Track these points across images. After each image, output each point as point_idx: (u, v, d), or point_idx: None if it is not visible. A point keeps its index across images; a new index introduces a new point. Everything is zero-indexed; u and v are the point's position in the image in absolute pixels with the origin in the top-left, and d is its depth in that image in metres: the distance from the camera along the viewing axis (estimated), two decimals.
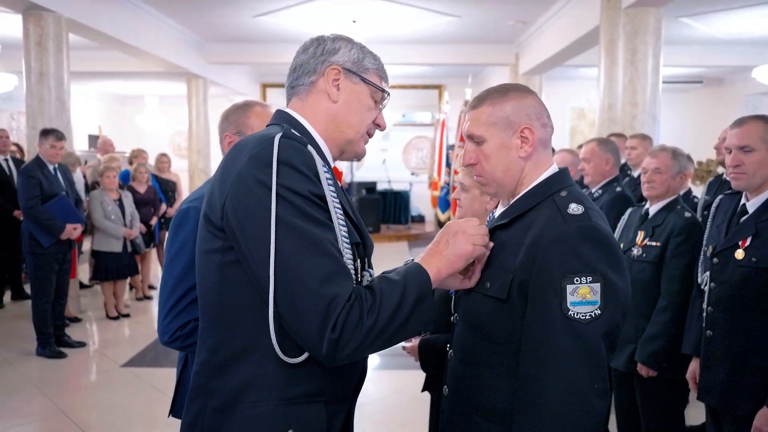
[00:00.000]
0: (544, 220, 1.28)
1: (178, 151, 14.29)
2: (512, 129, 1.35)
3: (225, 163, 1.24)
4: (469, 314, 1.39)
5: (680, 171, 2.69)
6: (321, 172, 1.20)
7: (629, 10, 5.45)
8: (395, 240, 11.56)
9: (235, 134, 1.86)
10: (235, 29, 9.39)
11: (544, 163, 1.39)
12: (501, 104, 1.36)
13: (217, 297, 1.22)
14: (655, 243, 2.62)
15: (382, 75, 1.42)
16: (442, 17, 8.63)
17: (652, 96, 5.50)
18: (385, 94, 1.41)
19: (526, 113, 1.36)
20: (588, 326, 1.20)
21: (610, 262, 1.23)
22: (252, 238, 1.13)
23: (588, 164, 3.47)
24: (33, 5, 5.88)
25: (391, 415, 3.87)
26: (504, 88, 1.40)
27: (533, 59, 9.50)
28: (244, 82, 13.29)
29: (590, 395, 1.19)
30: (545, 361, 1.22)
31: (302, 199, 1.15)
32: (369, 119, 1.38)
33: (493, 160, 1.37)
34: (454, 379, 1.44)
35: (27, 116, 6.17)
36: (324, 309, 1.09)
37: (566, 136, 13.09)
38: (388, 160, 13.66)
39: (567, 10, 7.69)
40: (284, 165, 1.15)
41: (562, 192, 1.34)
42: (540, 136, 1.37)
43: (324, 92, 1.35)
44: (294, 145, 1.19)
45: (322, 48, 1.37)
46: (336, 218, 1.20)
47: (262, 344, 1.17)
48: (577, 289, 1.20)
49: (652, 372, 2.58)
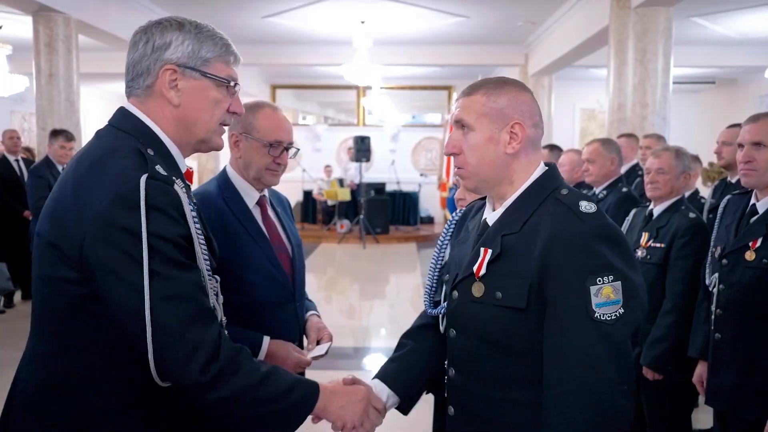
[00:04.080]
0: (553, 220, 1.24)
1: None
2: (503, 122, 1.30)
3: (79, 182, 1.17)
4: (477, 328, 1.31)
5: (684, 171, 2.65)
6: (187, 212, 1.18)
7: (639, 10, 5.41)
8: (404, 241, 11.54)
9: (242, 134, 1.85)
10: (244, 30, 9.41)
11: (534, 163, 1.35)
12: (495, 96, 1.31)
13: (64, 323, 1.20)
14: (660, 244, 2.59)
15: (227, 57, 1.32)
16: (451, 18, 8.60)
17: (663, 96, 5.46)
18: (230, 83, 1.31)
19: (519, 109, 1.31)
20: (614, 326, 1.18)
21: (626, 260, 1.22)
22: (121, 286, 1.12)
23: (592, 165, 3.46)
24: (43, 7, 5.93)
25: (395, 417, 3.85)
26: (501, 80, 1.36)
27: (542, 60, 9.46)
28: (254, 83, 13.33)
29: (619, 396, 1.17)
30: (573, 365, 1.18)
31: (172, 245, 1.14)
32: (220, 112, 1.30)
33: (478, 152, 1.31)
34: (461, 398, 1.36)
35: (37, 117, 6.22)
36: (191, 352, 1.14)
37: (576, 137, 13.00)
38: (397, 161, 13.64)
39: (576, 10, 7.65)
40: (153, 210, 1.12)
41: (561, 190, 1.30)
42: (530, 134, 1.32)
43: (163, 96, 1.26)
44: (161, 186, 1.15)
45: (151, 44, 1.26)
46: (200, 255, 1.20)
47: (104, 375, 1.19)
48: (601, 290, 1.17)
49: (657, 375, 2.55)
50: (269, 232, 1.90)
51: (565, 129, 12.57)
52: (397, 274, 9.05)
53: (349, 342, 5.27)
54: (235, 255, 1.78)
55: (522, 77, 10.45)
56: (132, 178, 1.13)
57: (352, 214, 11.85)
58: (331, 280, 8.44)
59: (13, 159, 6.34)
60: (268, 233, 1.89)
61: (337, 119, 17.25)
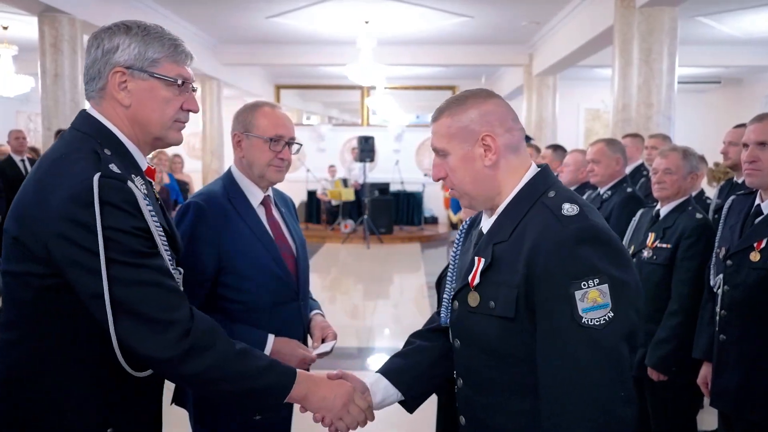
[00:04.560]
0: (537, 225, 1.22)
1: (192, 152, 14.36)
2: (473, 138, 1.28)
3: (40, 182, 1.24)
4: (475, 338, 1.31)
5: (691, 171, 2.63)
6: (143, 206, 1.24)
7: (644, 10, 5.39)
8: (408, 241, 11.53)
9: (243, 133, 1.87)
10: (248, 31, 9.43)
11: (519, 167, 1.31)
12: (459, 114, 1.30)
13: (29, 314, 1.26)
14: (666, 245, 2.57)
15: (177, 56, 1.36)
16: (455, 18, 8.60)
17: (668, 96, 5.44)
18: (178, 82, 1.34)
19: (486, 120, 1.28)
20: (604, 331, 1.14)
21: (613, 260, 1.17)
22: (84, 276, 1.19)
23: (597, 165, 3.43)
24: (48, 8, 5.95)
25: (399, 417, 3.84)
26: (463, 96, 1.34)
27: (547, 60, 9.44)
28: (258, 84, 13.35)
29: (616, 404, 1.14)
30: (564, 375, 1.16)
31: (129, 235, 1.21)
32: (171, 110, 1.35)
33: (459, 173, 1.30)
34: (470, 408, 1.36)
35: (42, 117, 6.25)
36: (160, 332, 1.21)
37: (581, 137, 12.98)
38: (401, 161, 13.64)
39: (581, 9, 7.63)
40: (106, 205, 1.19)
41: (549, 192, 1.27)
42: (505, 141, 1.29)
43: (114, 98, 1.32)
44: (113, 183, 1.21)
45: (101, 48, 1.32)
46: (161, 246, 1.27)
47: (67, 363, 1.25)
48: (587, 294, 1.14)
49: (662, 376, 2.54)
50: (273, 232, 1.91)
51: (570, 129, 12.55)
52: (401, 275, 9.04)
53: (353, 342, 5.27)
54: (239, 254, 1.80)
55: (526, 77, 10.44)
56: (87, 177, 1.19)
57: (356, 214, 11.86)
58: (335, 280, 8.45)
59: (18, 159, 6.37)
60: (272, 233, 1.90)
61: (341, 119, 17.27)
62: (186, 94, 1.37)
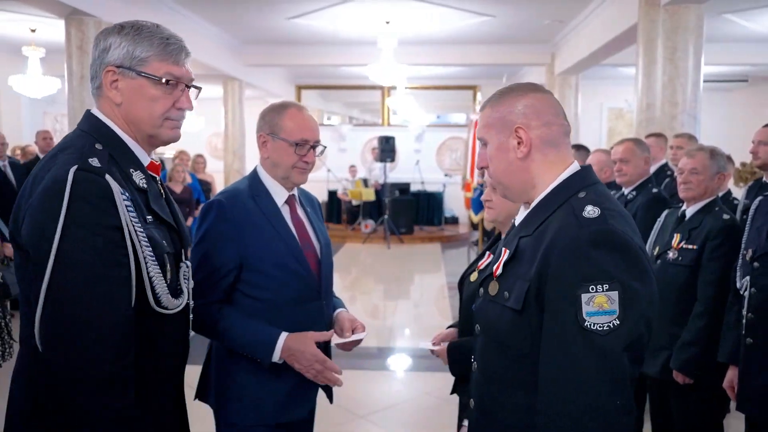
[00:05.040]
0: (558, 224, 1.22)
1: (215, 152, 14.52)
2: (508, 129, 1.30)
3: (35, 177, 1.29)
4: (489, 326, 1.34)
5: (718, 171, 2.59)
6: (118, 201, 1.25)
7: (669, 7, 5.31)
8: (428, 241, 11.52)
9: (269, 135, 1.89)
10: (270, 32, 9.49)
11: (558, 163, 1.30)
12: (498, 105, 1.33)
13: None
14: (692, 246, 2.53)
15: (166, 54, 1.37)
16: (477, 17, 8.56)
17: (693, 95, 5.35)
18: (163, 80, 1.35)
19: (522, 112, 1.29)
20: (606, 338, 1.12)
21: (629, 269, 1.15)
22: (39, 269, 1.21)
23: (626, 165, 3.36)
24: (75, 11, 6.05)
25: (420, 417, 3.85)
26: (508, 88, 1.36)
27: (569, 59, 9.35)
28: (279, 84, 13.43)
29: (612, 412, 1.12)
30: (562, 376, 1.15)
31: (92, 234, 1.22)
32: (160, 109, 1.37)
33: (494, 162, 1.34)
34: (479, 393, 1.40)
35: (69, 118, 6.36)
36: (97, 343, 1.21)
37: (604, 137, 12.83)
38: (421, 161, 13.63)
39: (604, 8, 7.55)
40: (78, 199, 1.21)
41: (580, 193, 1.26)
42: (540, 135, 1.29)
43: (107, 96, 1.37)
44: (88, 177, 1.23)
45: (98, 49, 1.37)
46: (138, 241, 1.27)
47: None
48: (593, 298, 1.12)
49: (687, 379, 2.50)
50: (297, 231, 1.92)
51: (593, 129, 12.42)
52: (422, 275, 9.03)
53: (373, 342, 5.28)
54: (261, 252, 1.82)
55: (548, 77, 10.35)
56: (65, 170, 1.22)
57: (376, 214, 11.87)
58: (356, 280, 8.47)
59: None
60: (296, 232, 1.91)
61: (361, 119, 17.29)
62: (177, 92, 1.39)
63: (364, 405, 3.91)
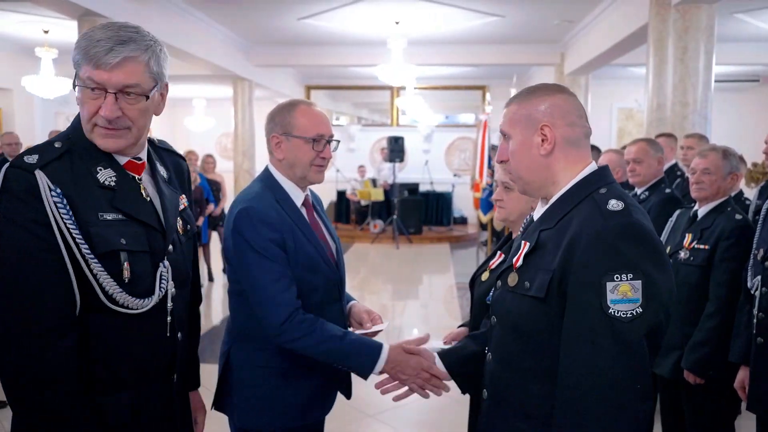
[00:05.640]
0: (582, 217, 1.26)
1: (225, 152, 14.59)
2: (533, 127, 1.35)
3: None
4: (508, 316, 1.37)
5: (731, 171, 2.58)
6: (46, 197, 1.27)
7: (680, 7, 5.29)
8: (437, 242, 11.52)
9: (282, 135, 1.84)
10: (280, 32, 9.53)
11: (578, 162, 1.36)
12: (525, 102, 1.37)
13: None
14: (704, 246, 2.53)
15: (87, 58, 1.32)
16: (486, 17, 8.56)
17: (704, 95, 5.32)
18: (75, 83, 1.35)
19: (548, 111, 1.34)
20: (629, 325, 1.17)
21: (652, 260, 1.20)
22: None
23: (639, 165, 3.34)
24: (88, 11, 6.12)
25: (429, 417, 3.86)
26: (535, 87, 1.41)
27: (579, 59, 9.33)
28: (289, 84, 13.48)
29: (632, 397, 1.17)
30: (585, 361, 1.20)
31: (20, 229, 1.27)
32: (86, 113, 1.36)
33: (516, 157, 1.38)
34: (493, 383, 1.42)
35: None
36: None
37: (614, 137, 12.79)
38: (430, 161, 13.63)
39: (614, 7, 7.52)
40: (5, 193, 1.28)
41: (601, 189, 1.31)
42: (564, 134, 1.34)
43: None
44: (18, 174, 1.29)
45: None
46: (70, 237, 1.29)
47: None
48: (618, 287, 1.17)
49: (699, 379, 2.50)
50: (317, 231, 1.90)
51: (603, 129, 12.36)
52: (430, 275, 9.04)
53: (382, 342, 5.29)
54: (297, 257, 1.78)
55: (558, 77, 10.33)
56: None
57: (385, 214, 11.89)
58: (364, 280, 8.48)
59: None
60: (316, 232, 1.89)
61: (370, 119, 17.31)
62: (99, 98, 1.34)
63: (373, 404, 3.92)
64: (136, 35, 1.35)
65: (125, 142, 1.39)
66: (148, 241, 1.40)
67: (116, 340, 1.38)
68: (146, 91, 1.37)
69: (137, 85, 1.35)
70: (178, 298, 1.49)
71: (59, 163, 1.33)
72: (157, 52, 1.39)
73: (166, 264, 1.43)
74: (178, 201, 1.56)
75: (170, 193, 1.53)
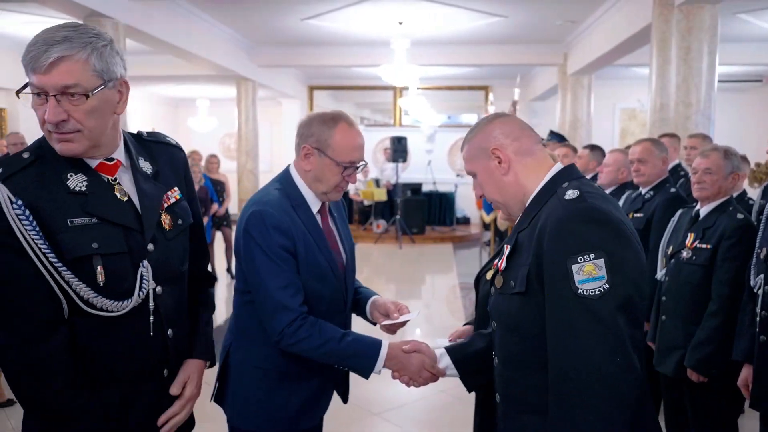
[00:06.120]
0: (546, 212, 1.36)
1: (228, 152, 14.63)
2: (486, 154, 1.47)
3: None
4: (502, 318, 1.44)
5: (733, 171, 2.59)
6: (7, 210, 1.28)
7: (683, 7, 5.30)
8: (440, 242, 11.53)
9: (315, 149, 1.79)
10: (284, 32, 9.56)
11: (539, 167, 1.46)
12: (472, 140, 1.51)
13: None
14: (706, 245, 2.54)
15: (27, 62, 1.30)
16: (489, 18, 8.57)
17: (707, 95, 5.33)
18: (22, 89, 1.32)
19: (492, 136, 1.47)
20: (600, 301, 1.23)
21: (610, 237, 1.27)
22: None
23: (644, 165, 3.34)
24: (93, 12, 6.15)
25: (434, 416, 3.88)
26: (475, 125, 1.54)
27: (582, 59, 9.34)
28: (292, 85, 13.51)
29: (613, 370, 1.21)
30: (564, 344, 1.25)
31: None
32: (39, 118, 1.33)
33: (487, 187, 1.50)
34: (502, 384, 1.48)
35: None
36: None
37: (616, 137, 12.80)
38: (433, 161, 13.65)
39: (617, 8, 7.53)
40: None
41: (564, 185, 1.40)
42: (514, 149, 1.46)
43: None
44: None
45: None
46: (37, 248, 1.29)
47: None
48: (582, 268, 1.24)
49: (702, 378, 2.51)
50: (329, 240, 1.88)
51: (605, 129, 12.38)
52: (433, 275, 9.05)
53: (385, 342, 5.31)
54: (307, 265, 1.77)
55: (560, 77, 10.34)
56: None
57: (388, 214, 11.91)
58: (367, 280, 8.44)
59: None
60: (329, 241, 1.87)
61: (373, 120, 17.34)
62: (46, 102, 1.30)
63: (377, 403, 3.95)
64: (72, 33, 1.30)
65: (79, 146, 1.35)
66: (126, 242, 1.39)
67: (101, 341, 1.40)
68: (87, 90, 1.30)
69: (76, 85, 1.29)
70: (165, 295, 1.48)
71: (23, 175, 1.33)
72: (100, 48, 1.32)
73: (146, 264, 1.42)
74: (161, 197, 1.51)
75: (152, 190, 1.49)
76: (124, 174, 1.46)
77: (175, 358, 1.55)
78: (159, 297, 1.46)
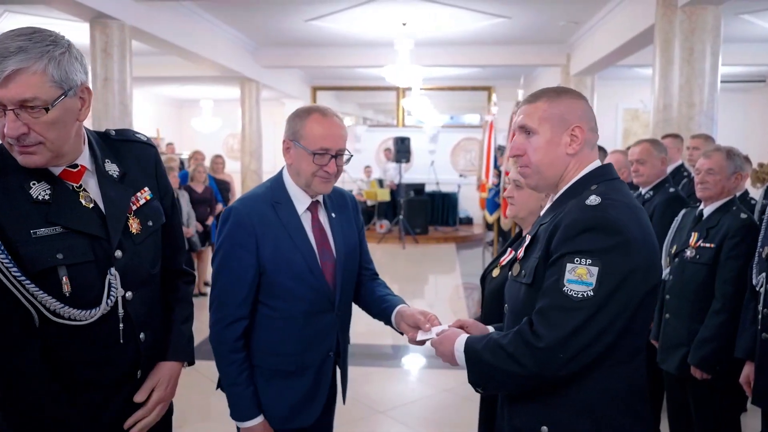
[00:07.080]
0: (565, 212, 1.38)
1: (231, 152, 14.67)
2: (564, 126, 1.43)
3: None
4: (513, 304, 1.50)
5: (735, 171, 2.62)
6: None
7: (686, 8, 5.32)
8: (443, 242, 11.56)
9: (291, 141, 1.82)
10: (287, 34, 9.60)
11: (587, 162, 1.46)
12: (556, 103, 1.44)
13: None
14: (709, 244, 2.57)
15: None
16: (492, 18, 8.60)
17: (710, 96, 5.35)
18: None
19: (579, 114, 1.44)
20: (577, 303, 1.28)
21: (615, 250, 1.28)
22: None
23: (642, 165, 3.39)
24: (100, 14, 6.19)
25: (439, 414, 3.90)
26: (560, 89, 1.50)
27: (585, 60, 9.35)
28: (296, 86, 13.55)
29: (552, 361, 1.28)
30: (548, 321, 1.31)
31: None
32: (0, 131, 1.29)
33: (540, 153, 1.44)
34: None
35: (92, 120, 6.49)
36: None
37: (619, 137, 12.80)
38: (436, 162, 13.67)
39: (621, 8, 7.55)
40: None
41: (593, 186, 1.41)
42: (588, 137, 1.45)
43: None
44: None
45: None
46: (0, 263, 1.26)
47: None
48: (575, 269, 1.28)
49: (705, 375, 2.54)
50: (317, 239, 1.85)
51: (608, 129, 12.39)
52: (436, 275, 9.08)
53: (388, 340, 5.34)
54: (278, 263, 1.78)
55: (563, 77, 10.36)
56: None
57: (391, 214, 11.94)
58: None
59: None
60: (315, 240, 1.84)
61: (376, 120, 17.37)
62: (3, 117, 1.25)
63: (381, 401, 3.98)
64: (27, 43, 1.23)
65: (42, 158, 1.30)
66: (92, 251, 1.36)
67: (71, 348, 1.38)
68: (47, 102, 1.25)
69: (35, 98, 1.24)
70: (136, 300, 1.46)
71: None
72: (57, 56, 1.26)
73: (113, 272, 1.39)
74: (127, 201, 1.47)
75: (118, 195, 1.45)
76: (90, 179, 1.43)
77: (148, 360, 1.54)
78: (129, 303, 1.44)
